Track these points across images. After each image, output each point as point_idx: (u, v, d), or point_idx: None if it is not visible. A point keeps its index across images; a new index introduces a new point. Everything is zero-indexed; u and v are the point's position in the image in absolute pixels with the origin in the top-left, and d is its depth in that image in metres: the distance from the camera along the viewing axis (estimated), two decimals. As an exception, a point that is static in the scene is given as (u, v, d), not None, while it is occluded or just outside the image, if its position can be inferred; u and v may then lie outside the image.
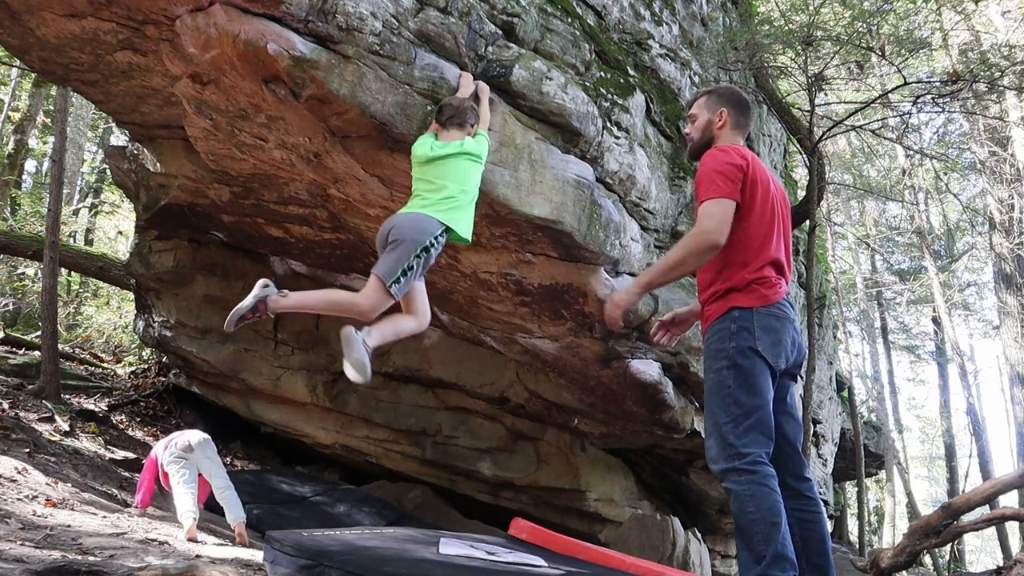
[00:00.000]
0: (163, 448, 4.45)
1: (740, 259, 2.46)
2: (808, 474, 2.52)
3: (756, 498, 2.21)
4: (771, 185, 2.57)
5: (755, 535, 2.18)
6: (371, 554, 2.40)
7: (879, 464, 15.45)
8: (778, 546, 2.16)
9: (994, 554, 20.32)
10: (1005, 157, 11.46)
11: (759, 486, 2.23)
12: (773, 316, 2.42)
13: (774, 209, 2.54)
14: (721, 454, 2.31)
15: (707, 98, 2.72)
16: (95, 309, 12.38)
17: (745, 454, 2.27)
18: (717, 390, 2.38)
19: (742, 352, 2.37)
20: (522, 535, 3.40)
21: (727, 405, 2.34)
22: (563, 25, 4.04)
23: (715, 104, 2.70)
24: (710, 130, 2.70)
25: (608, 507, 6.71)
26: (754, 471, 2.25)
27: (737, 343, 2.38)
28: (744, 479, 2.24)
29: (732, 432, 2.30)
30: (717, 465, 2.32)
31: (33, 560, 2.40)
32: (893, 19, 6.32)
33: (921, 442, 24.78)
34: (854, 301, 17.98)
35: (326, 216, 4.91)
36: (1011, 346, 11.37)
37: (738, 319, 2.41)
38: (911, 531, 4.86)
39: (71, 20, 3.87)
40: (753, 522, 2.19)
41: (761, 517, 2.19)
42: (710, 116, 2.70)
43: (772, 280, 2.47)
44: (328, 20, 3.08)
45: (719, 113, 2.68)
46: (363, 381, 2.83)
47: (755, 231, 2.47)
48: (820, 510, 2.47)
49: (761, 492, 2.22)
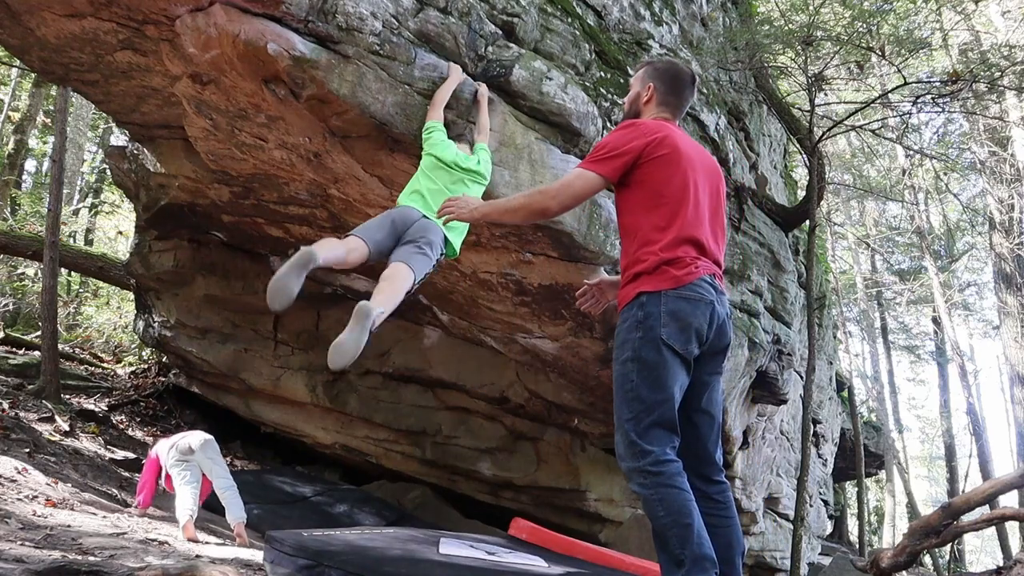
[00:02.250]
0: (165, 450, 4.45)
1: (644, 238, 2.33)
2: (721, 477, 2.40)
3: (665, 501, 2.11)
4: (692, 161, 2.41)
5: (670, 539, 2.10)
6: (371, 554, 2.40)
7: (879, 464, 15.45)
8: (694, 547, 2.08)
9: (994, 554, 20.32)
10: (1005, 157, 11.46)
11: (666, 488, 2.13)
12: (683, 299, 2.26)
13: (689, 185, 2.37)
14: (627, 452, 2.19)
15: (644, 71, 2.62)
16: (95, 309, 12.37)
17: (648, 451, 2.15)
18: (621, 383, 2.25)
19: (648, 344, 2.22)
20: (522, 535, 3.41)
21: (629, 401, 2.21)
22: (563, 25, 4.04)
23: (646, 78, 2.60)
24: (637, 103, 2.60)
25: (608, 507, 6.71)
26: (659, 471, 2.14)
27: (644, 333, 2.23)
28: (650, 481, 2.14)
29: (634, 430, 2.18)
30: (624, 463, 2.21)
31: (33, 560, 2.40)
32: (893, 19, 6.32)
33: (921, 442, 24.78)
34: (854, 301, 17.98)
35: (326, 216, 4.91)
36: (1011, 346, 11.37)
37: (645, 304, 2.25)
38: (911, 531, 4.86)
39: (71, 20, 3.87)
40: (665, 526, 2.10)
41: (672, 520, 2.10)
42: (639, 89, 2.60)
43: (686, 260, 2.29)
44: (328, 20, 3.08)
45: (648, 87, 2.58)
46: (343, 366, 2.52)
47: (663, 209, 2.33)
48: (731, 514, 2.35)
49: (669, 494, 2.12)
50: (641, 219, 2.34)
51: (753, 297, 6.04)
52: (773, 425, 7.49)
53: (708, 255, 2.36)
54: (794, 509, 6.26)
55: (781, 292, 6.76)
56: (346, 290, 6.26)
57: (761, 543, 8.07)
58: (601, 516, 6.70)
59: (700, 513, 2.19)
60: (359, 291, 6.11)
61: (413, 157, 3.51)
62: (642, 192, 2.35)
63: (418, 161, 3.53)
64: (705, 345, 2.30)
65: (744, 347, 5.63)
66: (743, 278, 5.90)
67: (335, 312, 6.73)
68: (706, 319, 2.28)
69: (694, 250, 2.33)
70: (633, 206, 2.39)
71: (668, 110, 2.57)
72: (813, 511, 9.84)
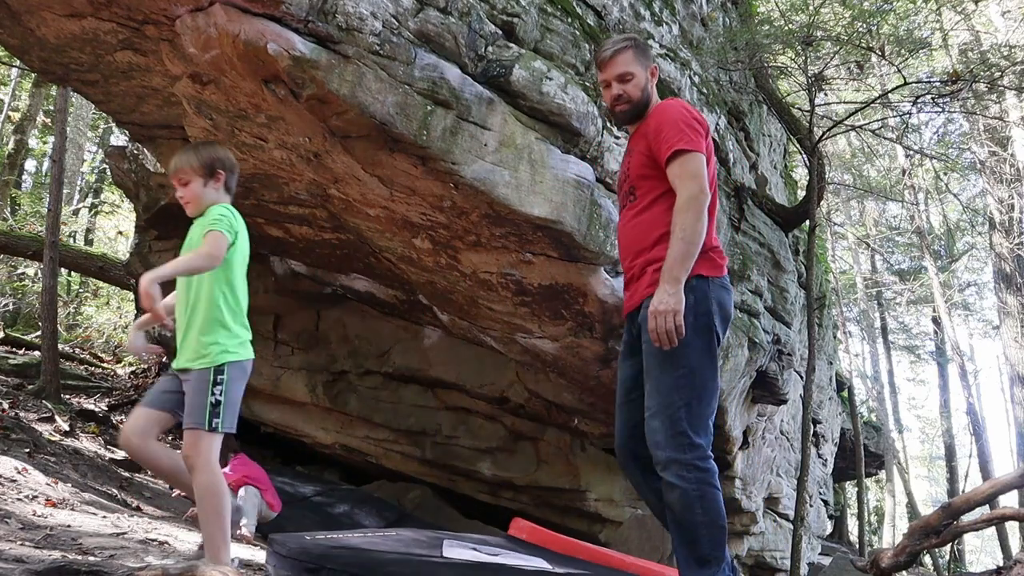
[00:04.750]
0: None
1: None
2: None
3: (705, 499, 2.04)
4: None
5: (702, 538, 2.04)
6: (375, 557, 2.40)
7: (879, 464, 15.45)
8: (724, 550, 2.05)
9: (994, 554, 20.32)
10: (1005, 157, 11.46)
11: (708, 486, 2.05)
12: (724, 288, 2.21)
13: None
14: (671, 441, 2.06)
15: (634, 52, 2.40)
16: (95, 309, 12.37)
17: (697, 444, 2.06)
18: (672, 367, 2.10)
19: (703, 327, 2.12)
20: (522, 535, 3.41)
21: (683, 386, 2.08)
22: (563, 25, 4.04)
23: (646, 60, 2.42)
24: (647, 88, 2.40)
25: (608, 507, 6.71)
26: (705, 468, 2.06)
27: (696, 315, 2.11)
28: (693, 476, 2.04)
29: (686, 417, 2.06)
30: (663, 452, 2.07)
31: (33, 560, 2.40)
32: (893, 19, 6.32)
33: (921, 442, 24.78)
34: (854, 301, 17.98)
35: (326, 216, 4.91)
36: (1011, 346, 11.37)
37: (696, 288, 2.13)
38: (911, 531, 4.85)
39: (71, 20, 3.87)
40: (700, 524, 2.04)
41: (710, 520, 2.04)
42: (641, 72, 2.39)
43: (721, 249, 2.28)
44: (328, 20, 3.08)
45: (651, 70, 2.42)
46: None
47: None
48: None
49: (710, 493, 2.05)
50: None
51: (753, 297, 6.04)
52: (773, 425, 7.49)
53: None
54: (794, 509, 6.26)
55: (781, 292, 6.75)
56: (346, 290, 6.26)
57: (761, 543, 8.07)
58: (601, 516, 6.70)
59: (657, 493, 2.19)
60: (359, 291, 6.11)
61: (413, 157, 3.51)
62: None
63: (418, 161, 3.54)
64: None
65: (744, 347, 5.63)
66: (743, 278, 5.89)
67: (335, 312, 6.73)
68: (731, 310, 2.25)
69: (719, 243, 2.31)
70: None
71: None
72: (813, 511, 9.84)
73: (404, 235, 4.38)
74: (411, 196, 3.86)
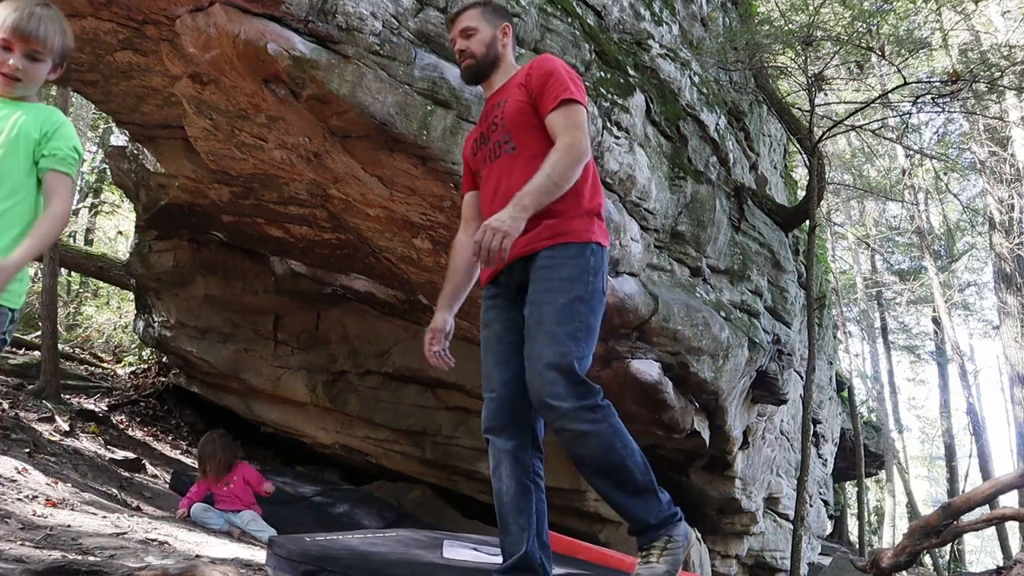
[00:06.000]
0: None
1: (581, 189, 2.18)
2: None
3: (619, 433, 2.02)
4: None
5: (634, 469, 2.02)
6: (374, 559, 2.40)
7: (879, 464, 15.45)
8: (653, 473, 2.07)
9: (994, 554, 20.32)
10: (1005, 157, 11.46)
11: (616, 419, 2.04)
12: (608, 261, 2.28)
13: None
14: (571, 391, 2.00)
15: (482, 10, 2.36)
16: (95, 309, 12.37)
17: (595, 388, 2.04)
18: (568, 319, 2.07)
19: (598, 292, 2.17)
20: (522, 535, 3.40)
21: (580, 338, 2.08)
22: (563, 25, 4.04)
23: (495, 18, 2.37)
24: (495, 46, 2.35)
25: (608, 507, 6.70)
26: (607, 405, 2.04)
27: (594, 280, 2.15)
28: (601, 415, 2.00)
29: (580, 367, 2.04)
30: (565, 403, 1.99)
31: (33, 560, 2.40)
32: (893, 19, 6.32)
33: (921, 442, 24.80)
34: (854, 301, 17.98)
35: (326, 216, 4.91)
36: (1011, 346, 11.37)
37: (596, 252, 2.18)
38: (911, 531, 4.85)
39: (71, 20, 3.85)
40: (626, 456, 2.01)
41: (632, 449, 2.03)
42: (493, 31, 2.35)
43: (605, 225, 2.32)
44: (328, 20, 3.08)
45: (503, 28, 2.38)
46: None
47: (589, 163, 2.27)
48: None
49: (620, 426, 2.03)
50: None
51: (753, 297, 6.04)
52: (773, 425, 7.49)
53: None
54: (794, 509, 6.27)
55: (781, 292, 6.75)
56: (346, 290, 6.26)
57: (761, 543, 8.07)
58: (601, 516, 6.70)
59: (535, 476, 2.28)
60: (359, 291, 6.11)
61: (413, 157, 3.51)
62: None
63: (418, 161, 3.53)
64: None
65: (744, 347, 5.63)
66: (743, 278, 5.89)
67: (335, 312, 6.73)
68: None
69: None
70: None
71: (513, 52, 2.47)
72: (813, 511, 9.84)
73: (404, 235, 4.38)
74: (411, 196, 3.86)
